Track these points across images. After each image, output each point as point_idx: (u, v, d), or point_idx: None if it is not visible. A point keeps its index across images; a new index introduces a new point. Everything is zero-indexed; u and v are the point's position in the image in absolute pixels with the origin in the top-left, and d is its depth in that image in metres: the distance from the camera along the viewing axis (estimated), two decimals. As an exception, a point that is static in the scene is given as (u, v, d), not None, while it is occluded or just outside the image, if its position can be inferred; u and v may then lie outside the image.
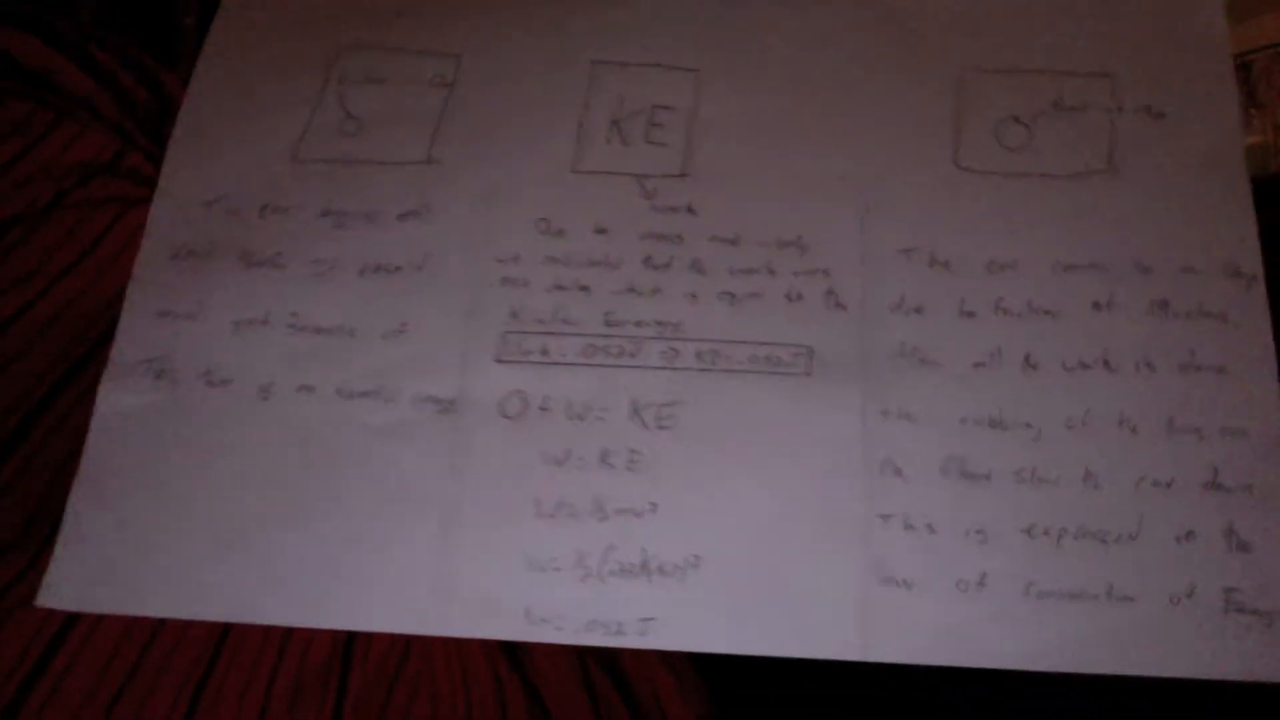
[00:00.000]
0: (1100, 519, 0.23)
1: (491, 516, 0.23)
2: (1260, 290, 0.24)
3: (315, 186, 0.27)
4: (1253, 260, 0.24)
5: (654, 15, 0.28)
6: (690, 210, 0.26)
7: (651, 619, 0.22)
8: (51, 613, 0.25)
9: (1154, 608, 0.22)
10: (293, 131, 0.28)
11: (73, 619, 0.25)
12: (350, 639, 0.29)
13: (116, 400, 0.25)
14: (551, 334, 0.25)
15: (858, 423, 0.24)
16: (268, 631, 0.27)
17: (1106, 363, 0.24)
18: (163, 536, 0.24)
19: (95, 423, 0.25)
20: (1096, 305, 0.24)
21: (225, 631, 0.27)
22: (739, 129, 0.27)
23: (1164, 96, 0.26)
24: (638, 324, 0.25)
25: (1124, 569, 0.22)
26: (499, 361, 0.25)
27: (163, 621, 0.26)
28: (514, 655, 0.34)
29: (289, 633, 0.28)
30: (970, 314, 0.25)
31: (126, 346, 0.26)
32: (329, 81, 0.29)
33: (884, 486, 0.23)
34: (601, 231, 0.26)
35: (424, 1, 0.29)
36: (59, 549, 0.23)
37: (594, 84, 0.28)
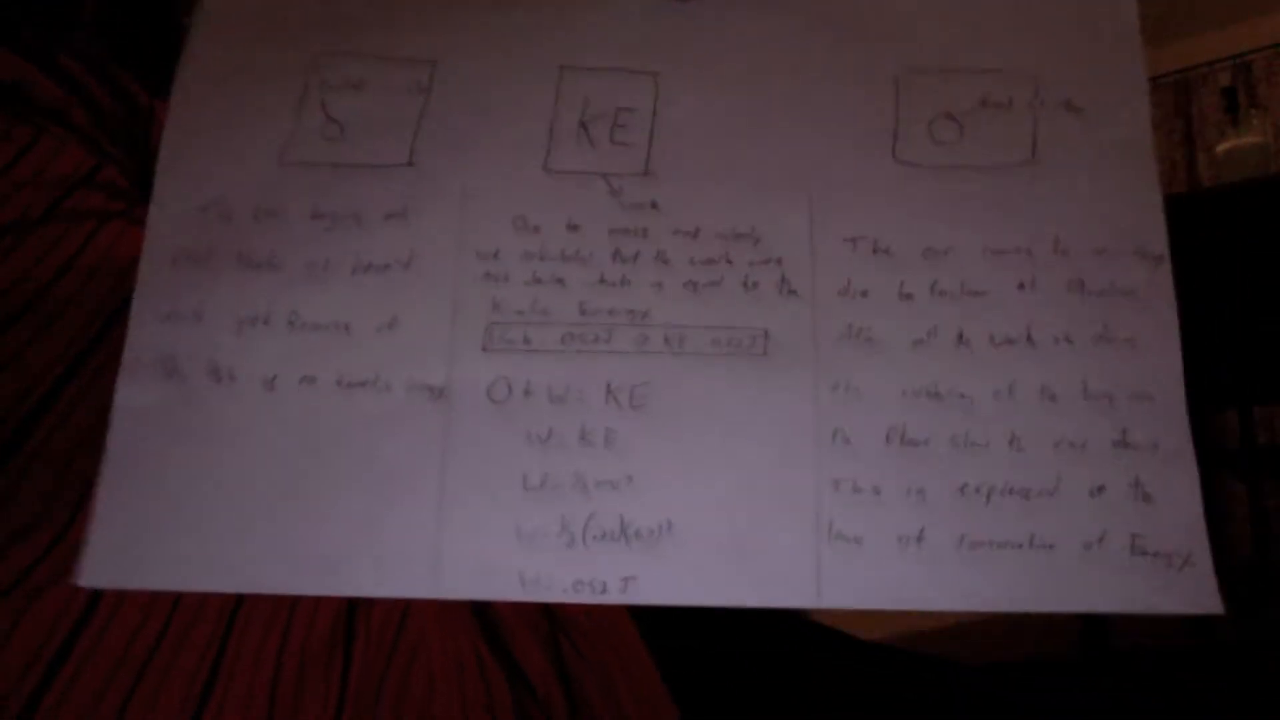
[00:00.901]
0: (1024, 477, 0.25)
1: (483, 492, 0.26)
2: (1166, 269, 0.27)
3: (304, 190, 0.29)
4: (1159, 241, 0.27)
5: (616, 23, 0.30)
6: (654, 206, 0.28)
7: (631, 578, 0.25)
8: (75, 593, 0.26)
9: (1070, 553, 0.25)
10: (278, 137, 0.29)
11: (95, 600, 0.27)
12: (351, 614, 0.31)
13: (132, 398, 0.27)
14: (531, 324, 0.27)
15: (810, 398, 0.26)
16: (275, 607, 0.29)
17: (1030, 338, 0.26)
18: (182, 519, 0.26)
19: (114, 420, 0.26)
20: (1021, 285, 0.27)
21: (236, 608, 0.29)
22: (697, 129, 0.29)
23: (1081, 93, 0.28)
24: (610, 313, 0.27)
25: (1044, 521, 0.25)
26: (484, 350, 0.27)
27: (178, 598, 0.28)
28: (495, 639, 0.36)
29: (294, 608, 0.30)
30: (909, 296, 0.27)
31: (137, 347, 0.27)
32: (309, 88, 0.30)
33: (834, 454, 0.26)
34: (573, 228, 0.28)
35: (398, 11, 0.31)
36: (91, 535, 0.25)
37: (562, 88, 0.29)
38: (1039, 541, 0.25)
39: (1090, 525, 0.25)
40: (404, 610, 0.32)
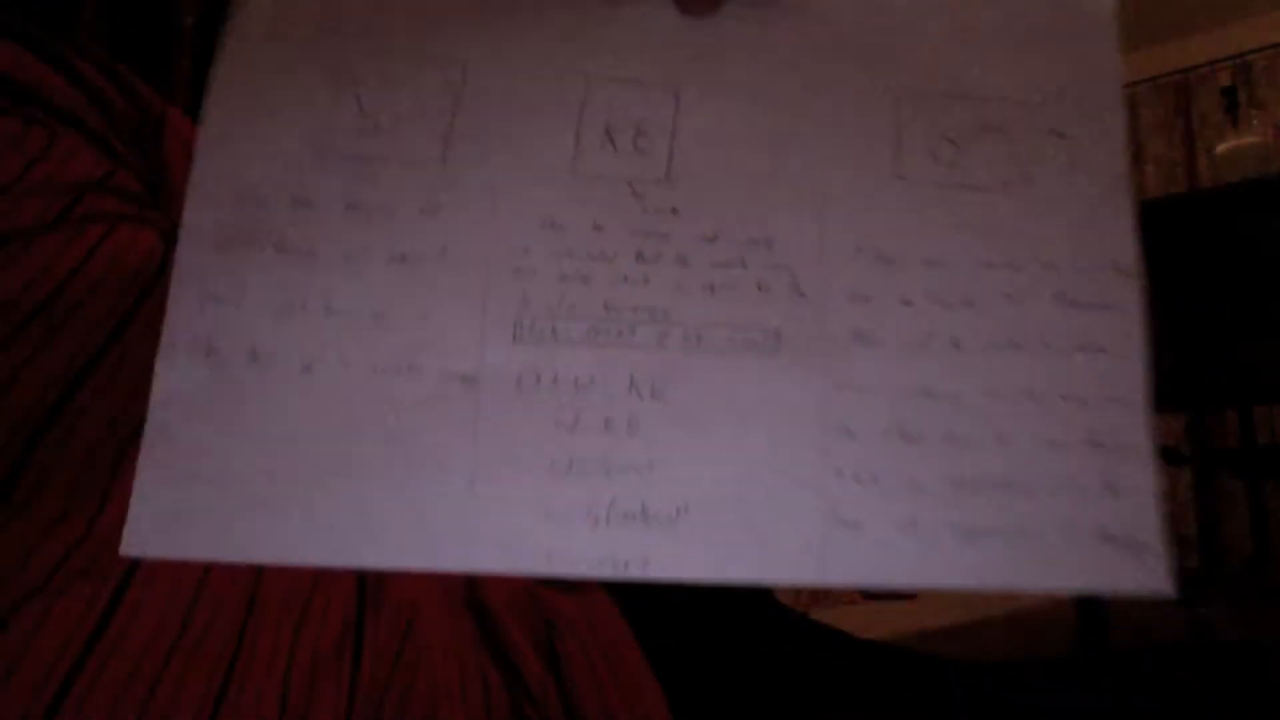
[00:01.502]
0: (1009, 471, 0.28)
1: (512, 475, 0.27)
2: (1136, 283, 0.29)
3: (339, 182, 0.30)
4: (1132, 258, 0.29)
5: (641, 37, 0.31)
6: (675, 211, 0.30)
7: (650, 557, 0.26)
8: (95, 596, 0.27)
9: (1048, 540, 0.27)
10: (313, 130, 0.30)
11: (113, 605, 0.27)
12: (360, 620, 0.32)
13: (170, 376, 0.27)
14: (559, 318, 0.28)
15: (817, 394, 0.28)
16: (285, 611, 0.30)
17: (1016, 344, 0.29)
18: (222, 492, 0.27)
19: (154, 398, 0.27)
20: (1009, 296, 0.29)
21: (248, 612, 0.29)
22: (715, 140, 0.30)
23: (1065, 120, 0.31)
24: (633, 309, 0.28)
25: (1025, 512, 0.27)
26: (514, 342, 0.28)
27: (194, 600, 0.28)
28: (495, 644, 0.37)
29: (304, 612, 0.31)
30: (909, 302, 0.29)
31: (176, 329, 0.28)
32: (344, 83, 0.31)
33: (838, 446, 0.28)
34: (598, 229, 0.29)
35: (432, 13, 0.32)
36: (134, 507, 0.26)
37: (588, 96, 0.31)
38: (1021, 530, 0.27)
39: (1064, 516, 0.27)
40: (409, 619, 0.33)
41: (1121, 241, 0.29)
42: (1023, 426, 0.28)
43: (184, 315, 0.28)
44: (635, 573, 0.26)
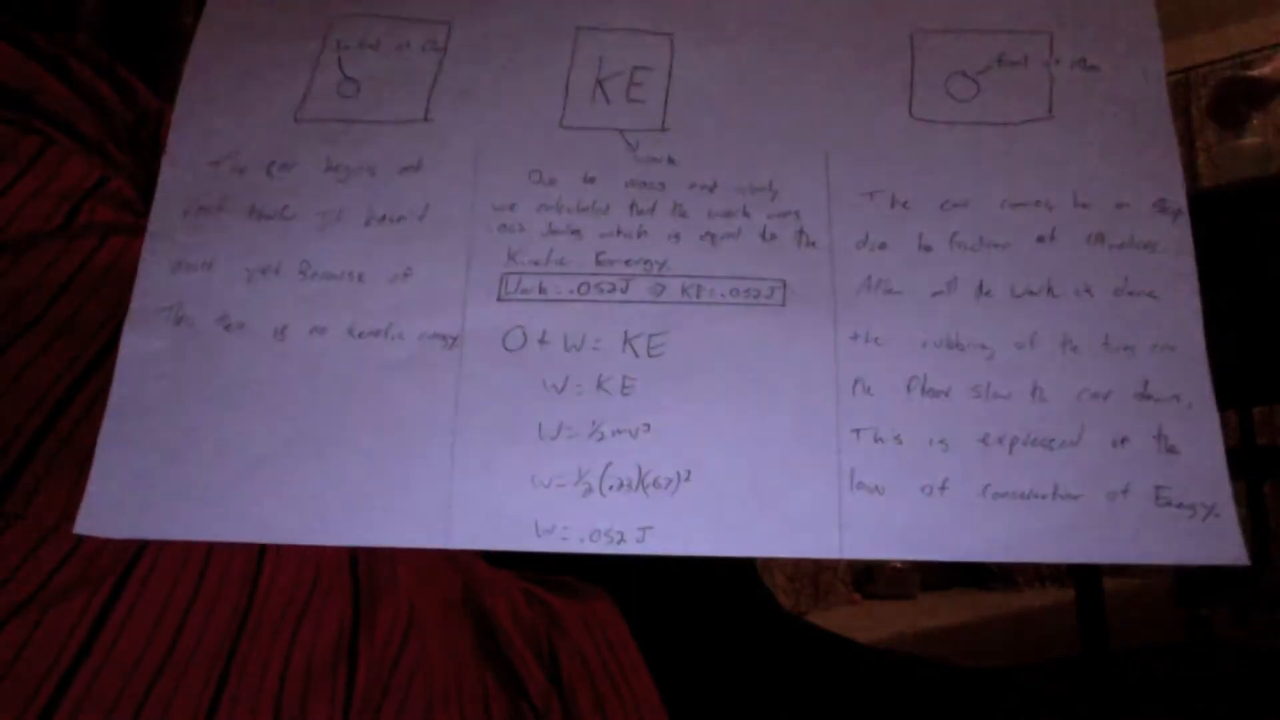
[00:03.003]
0: (1046, 428, 0.24)
1: (498, 440, 0.24)
2: (1185, 222, 0.25)
3: (318, 144, 0.27)
4: (1178, 195, 0.26)
5: None
6: (671, 160, 0.27)
7: (649, 527, 0.23)
8: (88, 604, 0.25)
9: (1094, 504, 0.23)
10: (293, 94, 0.28)
11: (109, 604, 0.25)
12: (355, 628, 0.29)
13: (138, 345, 0.25)
14: (547, 274, 0.26)
15: (830, 347, 0.25)
16: (281, 620, 0.28)
17: (1050, 289, 0.25)
18: (188, 467, 0.24)
19: (119, 366, 0.25)
20: (1040, 238, 0.26)
21: (243, 620, 0.27)
22: (713, 87, 0.28)
23: (1096, 51, 0.27)
24: (626, 263, 0.26)
25: (1068, 471, 0.24)
26: (499, 300, 0.25)
27: (188, 609, 0.26)
28: (495, 651, 0.34)
29: (300, 620, 0.28)
30: (928, 248, 0.26)
31: (145, 296, 0.26)
32: (325, 46, 0.29)
33: (855, 404, 0.24)
34: (590, 181, 0.27)
35: None
36: (92, 483, 0.24)
37: (578, 48, 0.28)
38: (1062, 492, 0.24)
39: (1114, 476, 0.24)
40: (405, 626, 0.31)
41: (1165, 177, 0.26)
42: (1061, 378, 0.24)
43: (153, 282, 0.26)
44: (632, 546, 0.23)
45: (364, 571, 0.31)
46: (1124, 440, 0.24)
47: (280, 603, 0.28)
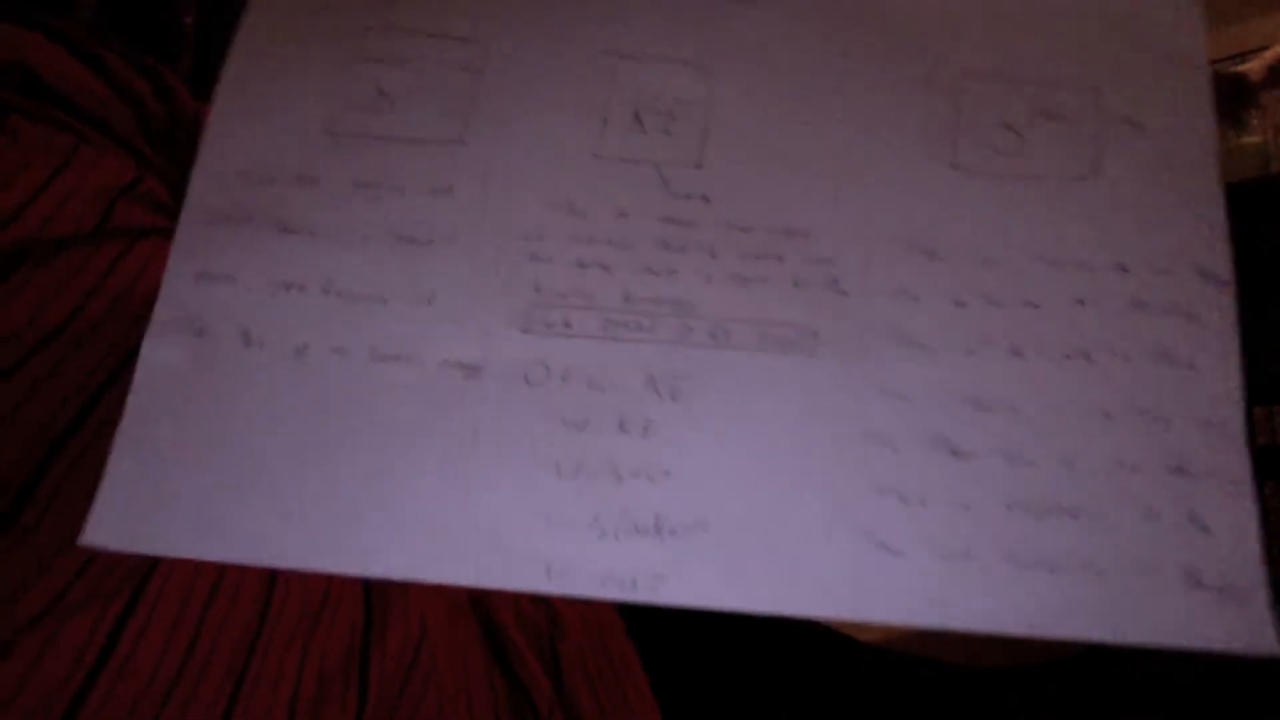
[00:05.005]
0: (1075, 498, 0.23)
1: (513, 476, 0.23)
2: (1229, 292, 0.24)
3: (349, 160, 0.26)
4: (1223, 264, 0.24)
5: (673, 13, 0.28)
6: (705, 198, 0.25)
7: (662, 576, 0.22)
8: (100, 619, 0.24)
9: (1122, 581, 0.22)
10: (327, 107, 0.27)
11: (123, 619, 0.24)
12: (366, 640, 0.28)
13: (157, 355, 0.24)
14: (573, 308, 0.24)
15: (856, 400, 0.23)
16: (295, 630, 0.27)
17: (1086, 354, 0.24)
18: (196, 484, 0.23)
19: (137, 376, 0.24)
20: (1078, 300, 0.24)
21: (257, 633, 0.26)
22: (751, 124, 0.26)
23: (1143, 109, 0.26)
24: (654, 301, 0.24)
25: (1095, 545, 0.22)
26: (524, 332, 0.24)
27: (201, 620, 0.25)
28: (504, 661, 0.33)
29: (313, 630, 0.27)
30: (962, 304, 0.24)
31: (167, 306, 0.25)
32: (362, 61, 0.28)
33: (880, 460, 0.23)
34: (621, 215, 0.25)
35: None
36: (102, 493, 0.22)
37: (615, 77, 0.27)
38: (1089, 566, 0.22)
39: (1143, 553, 0.22)
40: (419, 633, 0.30)
41: (1208, 243, 0.24)
42: (1092, 446, 0.23)
43: (176, 292, 0.25)
44: (644, 594, 0.22)
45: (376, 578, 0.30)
46: (1155, 516, 0.22)
47: (294, 613, 0.27)
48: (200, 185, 0.26)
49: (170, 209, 0.32)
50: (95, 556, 0.24)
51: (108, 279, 0.29)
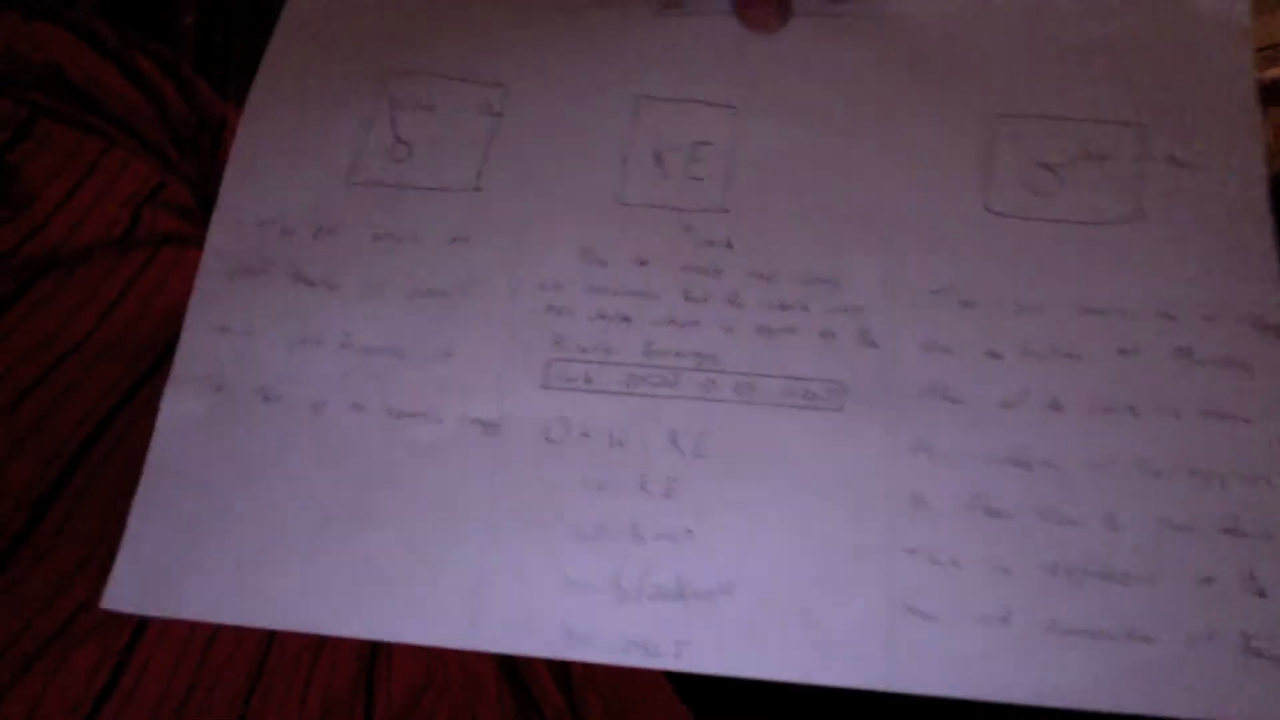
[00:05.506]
0: (1121, 560, 0.21)
1: (531, 536, 0.22)
2: None
3: (367, 210, 0.26)
4: (1276, 312, 0.23)
5: (695, 53, 0.27)
6: (729, 245, 0.25)
7: (686, 642, 0.21)
8: (109, 647, 0.23)
9: (1172, 649, 0.21)
10: (345, 155, 0.27)
11: (127, 654, 0.24)
12: (372, 663, 0.28)
13: (177, 410, 0.24)
14: (594, 362, 0.24)
15: (887, 458, 0.22)
16: (299, 658, 0.26)
17: (1131, 407, 0.22)
18: (216, 544, 0.23)
19: (158, 431, 0.23)
20: (1121, 350, 0.23)
21: (262, 661, 0.26)
22: (776, 167, 0.25)
23: (1189, 147, 0.24)
24: (677, 355, 0.23)
25: (1143, 610, 0.21)
26: (544, 388, 0.23)
27: (206, 650, 0.25)
28: (513, 675, 0.32)
29: (316, 660, 0.27)
30: (998, 355, 0.23)
31: (188, 359, 0.24)
32: (380, 107, 0.27)
33: (911, 521, 0.22)
34: (643, 263, 0.25)
35: (471, 32, 0.28)
36: (122, 554, 0.22)
37: (637, 118, 0.26)
38: (1137, 634, 0.21)
39: (1195, 619, 0.21)
40: (425, 660, 0.29)
41: (1261, 290, 0.23)
42: (1138, 506, 0.22)
43: (196, 346, 0.24)
44: (667, 661, 0.21)
45: None
46: (1208, 579, 0.21)
47: (298, 642, 0.27)
48: (219, 235, 0.26)
49: (192, 213, 0.32)
50: (100, 590, 0.24)
51: (131, 287, 0.28)
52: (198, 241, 0.26)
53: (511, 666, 0.32)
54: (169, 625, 0.25)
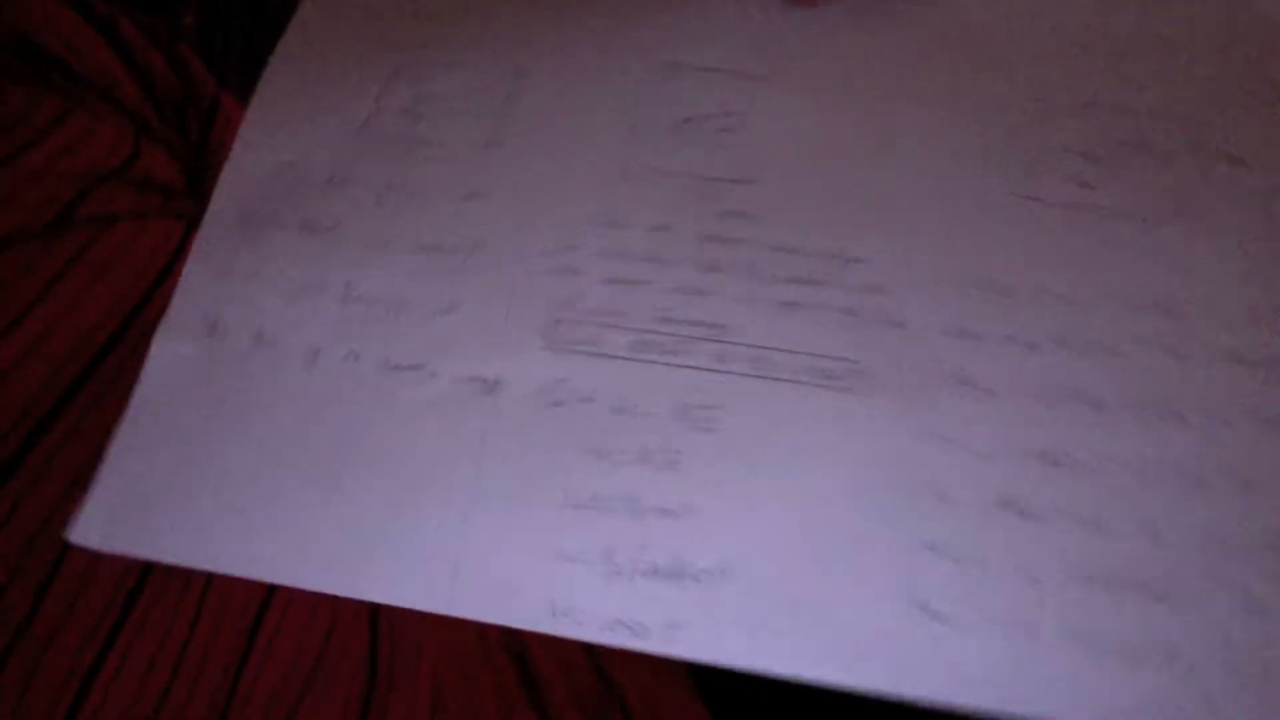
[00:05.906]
0: (1162, 576, 0.19)
1: (521, 501, 0.21)
2: None
3: (379, 164, 0.25)
4: None
5: (724, 23, 0.26)
6: (750, 216, 0.23)
7: (678, 624, 0.19)
8: (90, 639, 0.22)
9: (1215, 677, 0.19)
10: (363, 110, 0.26)
11: (103, 653, 0.22)
12: (373, 667, 0.26)
13: (169, 349, 0.23)
14: (602, 326, 0.22)
15: (908, 445, 0.21)
16: (275, 694, 0.25)
17: (1178, 412, 0.21)
18: (195, 488, 0.21)
19: (146, 369, 0.22)
20: (1167, 350, 0.21)
21: (242, 661, 0.24)
22: (803, 140, 0.24)
23: (1245, 144, 0.23)
24: (690, 324, 0.22)
25: (1184, 631, 0.19)
26: (547, 349, 0.22)
27: (186, 642, 0.23)
28: (537, 704, 0.30)
29: (301, 696, 0.25)
30: (1032, 345, 0.21)
31: (185, 301, 0.23)
32: (400, 67, 0.27)
33: (931, 514, 0.20)
34: (660, 229, 0.23)
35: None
36: (94, 487, 0.21)
37: (663, 84, 0.25)
38: (1177, 657, 0.19)
39: (1240, 644, 0.19)
40: (431, 696, 0.27)
41: None
42: (1183, 518, 0.20)
43: (195, 287, 0.24)
44: (657, 644, 0.19)
45: (384, 630, 0.28)
46: (1256, 602, 0.19)
47: (274, 680, 0.25)
48: (230, 182, 0.25)
49: (171, 188, 0.30)
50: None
51: (70, 269, 0.25)
52: (170, 214, 0.24)
53: (535, 696, 0.30)
54: (144, 628, 0.23)
